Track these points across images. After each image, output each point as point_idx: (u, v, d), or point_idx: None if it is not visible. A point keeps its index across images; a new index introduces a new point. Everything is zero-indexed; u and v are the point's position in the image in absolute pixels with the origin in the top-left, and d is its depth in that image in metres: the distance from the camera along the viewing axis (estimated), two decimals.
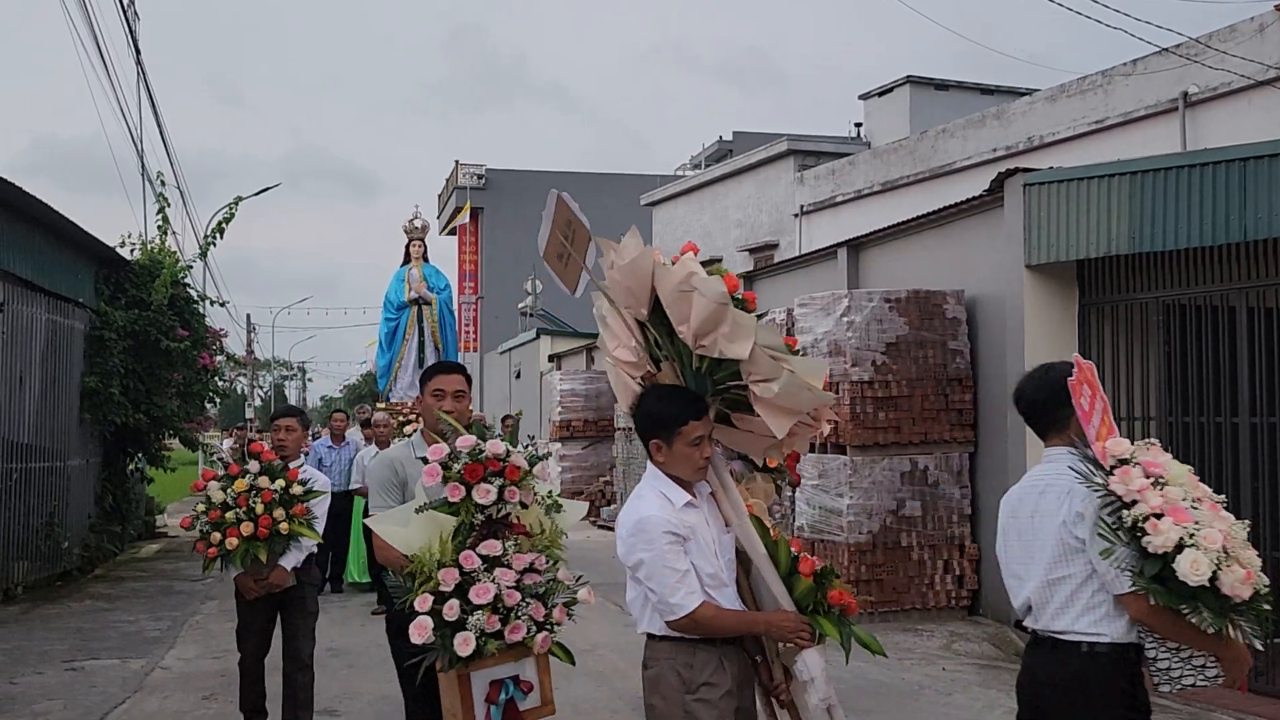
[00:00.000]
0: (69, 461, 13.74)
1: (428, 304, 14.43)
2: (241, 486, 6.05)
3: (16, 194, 11.60)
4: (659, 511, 3.64)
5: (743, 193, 26.29)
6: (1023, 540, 3.69)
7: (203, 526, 6.11)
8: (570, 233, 4.11)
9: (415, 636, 3.95)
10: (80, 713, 7.52)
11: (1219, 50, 14.57)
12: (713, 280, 3.68)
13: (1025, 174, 9.78)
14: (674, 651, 3.68)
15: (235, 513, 6.01)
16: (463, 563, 4.01)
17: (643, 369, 3.96)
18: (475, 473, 4.07)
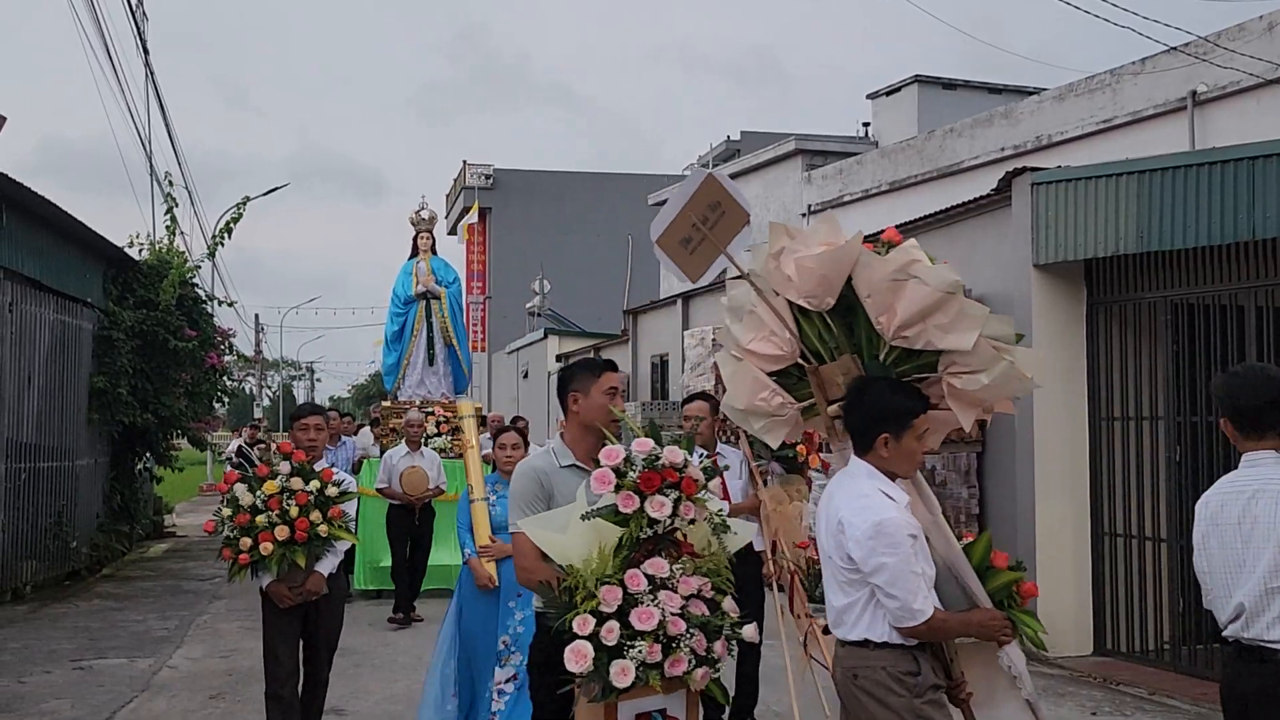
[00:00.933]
0: (77, 461, 13.77)
1: (436, 298, 13.70)
2: (272, 488, 5.72)
3: (25, 194, 11.63)
4: (896, 513, 3.52)
5: (750, 192, 26.22)
6: (1228, 548, 3.53)
7: (229, 531, 5.74)
8: (714, 216, 3.92)
9: (573, 664, 3.49)
10: (88, 711, 7.53)
11: (1228, 49, 14.51)
12: (941, 269, 3.57)
13: (1033, 173, 9.75)
14: (894, 659, 3.55)
15: (267, 516, 5.67)
16: (628, 582, 3.58)
17: (786, 362, 3.82)
18: (652, 482, 3.65)
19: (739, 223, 3.91)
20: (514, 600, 6.14)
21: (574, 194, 47.57)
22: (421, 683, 8.37)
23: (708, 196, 3.92)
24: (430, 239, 13.96)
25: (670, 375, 19.80)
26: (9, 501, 11.70)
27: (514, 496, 4.14)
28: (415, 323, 13.57)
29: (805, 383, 3.89)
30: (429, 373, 13.64)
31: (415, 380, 13.62)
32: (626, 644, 3.49)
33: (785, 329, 3.79)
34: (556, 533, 3.77)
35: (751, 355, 3.86)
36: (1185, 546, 8.43)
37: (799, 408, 3.95)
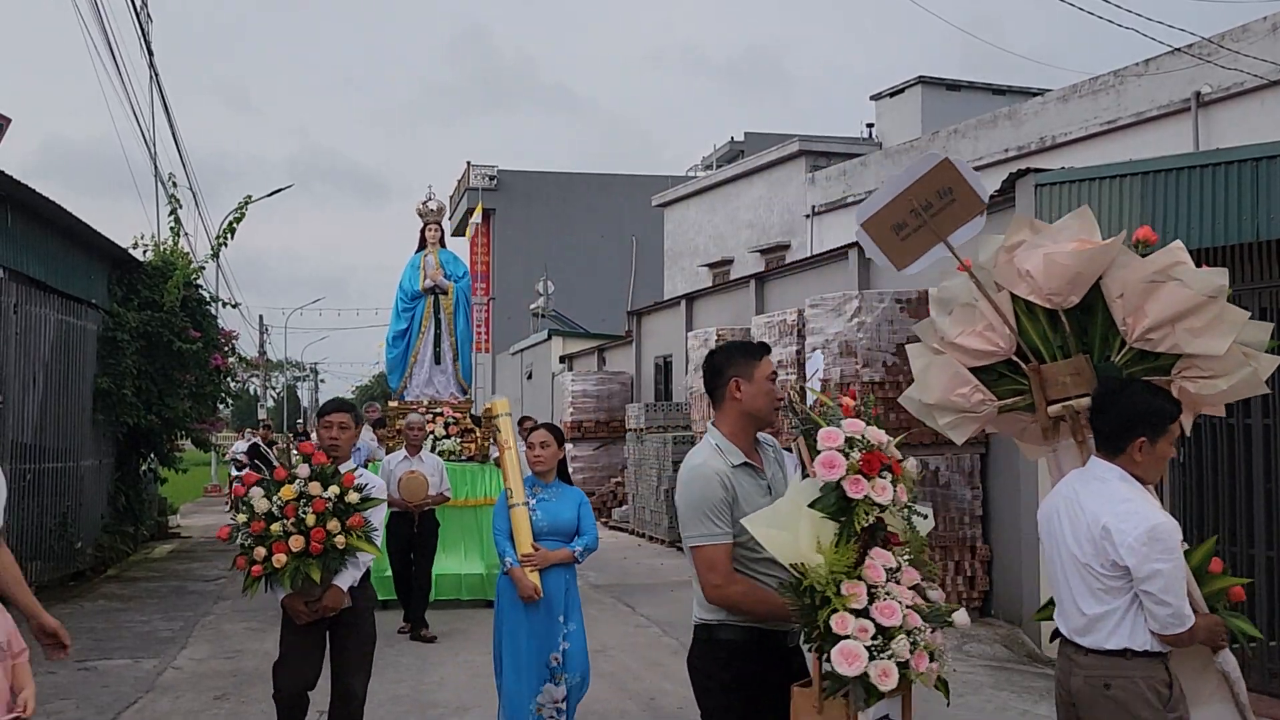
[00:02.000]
0: (82, 462, 13.79)
1: (444, 293, 12.96)
2: (289, 494, 5.27)
3: (29, 195, 11.64)
4: (1165, 518, 3.47)
5: (754, 193, 26.27)
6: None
7: (244, 539, 5.30)
8: (940, 203, 3.76)
9: (845, 666, 3.21)
10: (93, 712, 7.54)
11: (1231, 50, 14.52)
12: (1207, 272, 3.47)
13: (1037, 174, 9.76)
14: (1151, 669, 3.52)
15: (282, 524, 5.23)
16: (868, 576, 3.33)
17: (997, 358, 3.72)
18: (874, 464, 3.37)
19: (969, 212, 3.73)
20: (562, 614, 5.94)
21: (578, 195, 47.59)
22: (426, 684, 8.39)
23: (938, 182, 3.75)
24: (439, 231, 13.26)
25: (674, 376, 19.81)
26: (15, 502, 11.69)
27: (694, 505, 3.65)
28: (422, 319, 12.90)
29: (1006, 380, 3.76)
30: (437, 371, 12.96)
31: (423, 379, 12.95)
32: (878, 643, 3.26)
33: (1005, 324, 3.68)
34: (778, 529, 3.44)
35: (957, 349, 3.74)
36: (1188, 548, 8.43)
37: (997, 405, 3.82)
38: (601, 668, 8.67)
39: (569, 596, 6.08)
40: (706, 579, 3.60)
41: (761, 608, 3.57)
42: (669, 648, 9.62)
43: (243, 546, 5.31)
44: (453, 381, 12.96)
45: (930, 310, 3.85)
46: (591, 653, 9.46)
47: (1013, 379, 3.75)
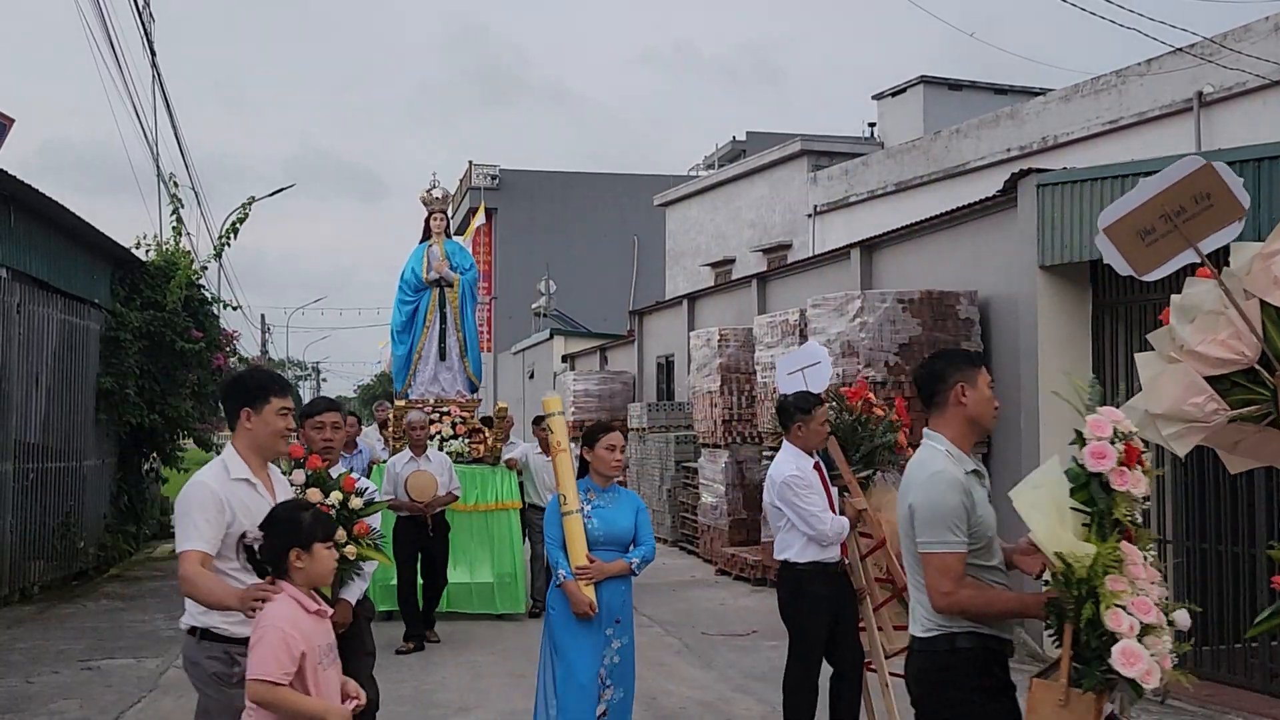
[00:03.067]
0: (84, 461, 13.81)
1: (450, 285, 12.13)
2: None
3: (32, 195, 11.67)
4: None
5: (756, 193, 26.27)
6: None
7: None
8: (1195, 209, 3.69)
9: (1126, 666, 3.17)
10: (96, 711, 7.56)
11: (1234, 50, 14.51)
12: None
13: (1039, 174, 9.77)
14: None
15: None
16: (1131, 571, 3.28)
17: (1237, 367, 3.63)
18: (1132, 456, 3.35)
19: (1227, 218, 3.65)
20: (611, 628, 5.62)
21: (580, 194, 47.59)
22: (428, 684, 8.40)
23: (1195, 187, 3.66)
24: (444, 220, 12.42)
25: (676, 375, 19.81)
26: (17, 502, 11.74)
27: (938, 511, 3.69)
28: (427, 313, 12.10)
29: (1239, 389, 3.70)
30: (442, 368, 12.16)
31: (428, 377, 12.16)
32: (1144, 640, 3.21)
33: (1252, 332, 3.61)
34: (1043, 515, 3.44)
35: (1197, 358, 3.67)
36: (1191, 548, 8.44)
37: (1229, 415, 3.74)
38: None
39: (624, 611, 5.72)
40: (937, 585, 3.64)
41: (992, 609, 3.66)
42: (671, 648, 9.64)
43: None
44: (460, 379, 12.24)
45: (1170, 318, 3.77)
46: None
47: (1248, 388, 3.74)
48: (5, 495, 11.45)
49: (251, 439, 4.15)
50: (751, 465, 14.00)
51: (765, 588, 12.73)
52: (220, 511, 3.95)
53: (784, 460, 6.20)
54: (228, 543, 3.95)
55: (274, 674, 3.50)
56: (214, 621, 3.98)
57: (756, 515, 13.44)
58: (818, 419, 6.19)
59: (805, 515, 6.03)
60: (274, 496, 4.14)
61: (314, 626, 3.68)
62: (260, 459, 4.18)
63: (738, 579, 13.38)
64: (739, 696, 7.99)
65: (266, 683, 3.50)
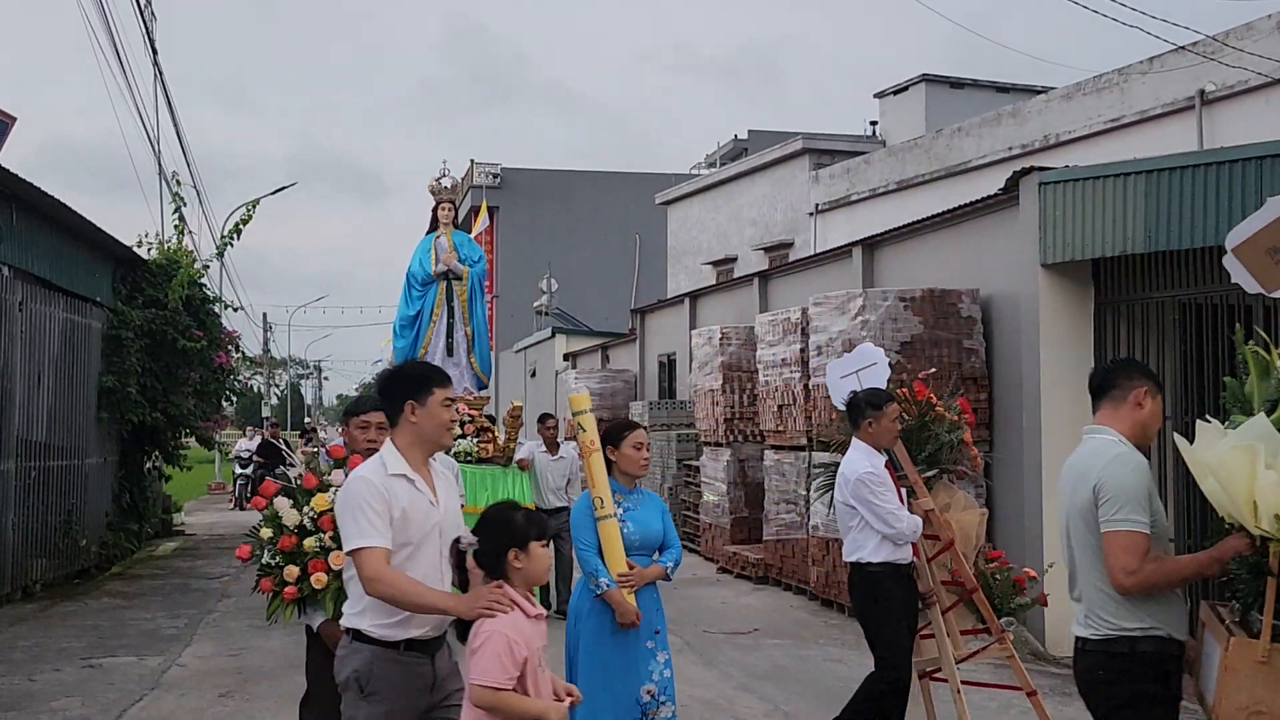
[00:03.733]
0: (86, 460, 13.82)
1: (458, 278, 11.63)
2: (323, 504, 4.64)
3: (35, 193, 11.68)
4: None
5: (757, 191, 26.26)
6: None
7: (271, 558, 4.68)
8: None
9: None
10: (98, 709, 7.57)
11: (1236, 48, 14.50)
12: None
13: (1041, 172, 9.76)
14: None
15: (318, 539, 4.62)
16: None
17: None
18: None
19: None
20: (652, 639, 5.21)
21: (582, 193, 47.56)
22: None
23: None
24: (452, 210, 11.94)
25: (678, 374, 19.82)
26: (20, 500, 11.75)
27: (1133, 492, 3.76)
28: (434, 306, 11.63)
29: None
30: (449, 364, 11.49)
31: None
32: None
33: None
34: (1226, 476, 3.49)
35: None
36: (1194, 546, 8.43)
37: None
38: None
39: (661, 620, 5.37)
40: (1123, 564, 3.69)
41: (1175, 578, 3.75)
42: (673, 646, 9.61)
43: (268, 566, 4.69)
44: (467, 375, 11.75)
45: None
46: None
47: None
48: (7, 493, 11.46)
49: (416, 433, 3.96)
50: (753, 464, 14.00)
51: (767, 586, 12.73)
52: (386, 506, 3.80)
53: (856, 458, 6.06)
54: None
55: (499, 680, 3.52)
56: (366, 624, 3.82)
57: (758, 514, 13.44)
58: (889, 415, 6.10)
59: (882, 513, 5.86)
60: (434, 493, 3.99)
61: (533, 630, 3.67)
62: (421, 454, 4.01)
63: (739, 577, 13.38)
64: (741, 695, 8.00)
65: (490, 688, 3.52)
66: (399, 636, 3.79)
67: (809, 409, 11.67)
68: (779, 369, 12.47)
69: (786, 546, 12.30)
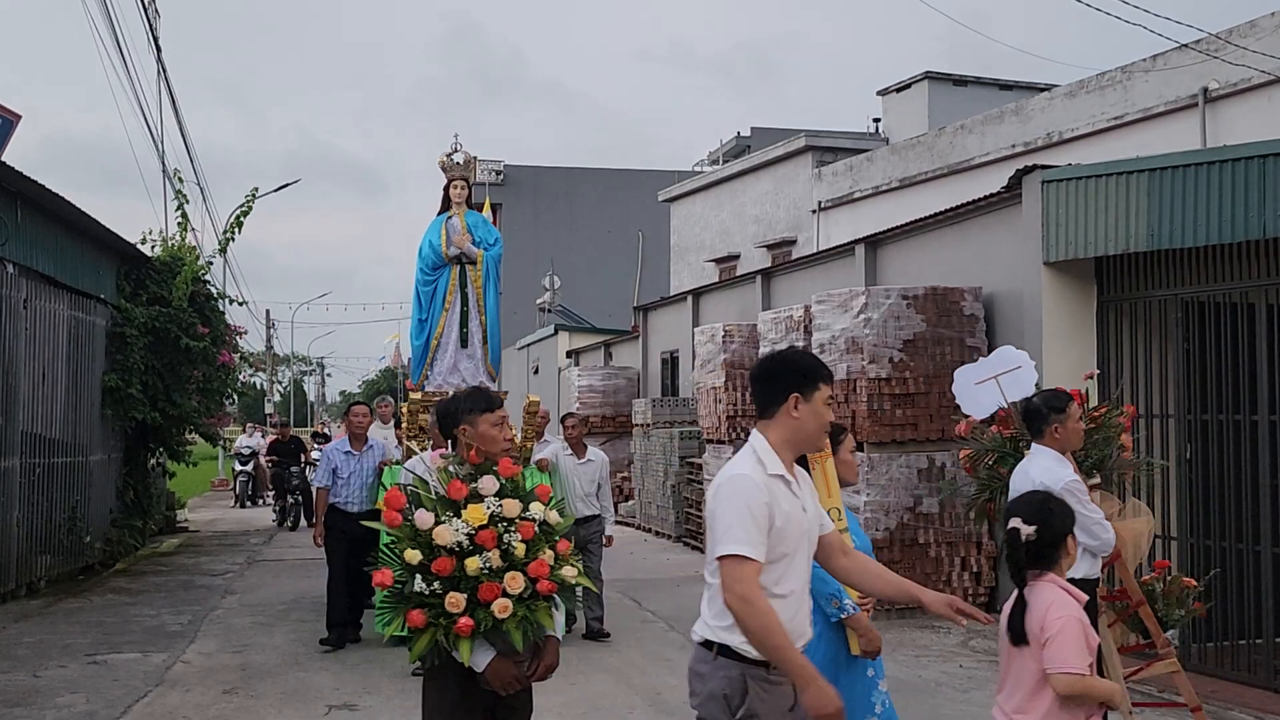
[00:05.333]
0: (91, 456, 13.84)
1: (472, 262, 10.73)
2: (479, 516, 3.92)
3: (39, 191, 11.69)
4: None
5: (760, 188, 26.26)
6: None
7: (424, 585, 3.84)
8: None
9: None
10: (103, 705, 7.58)
11: (1239, 46, 14.49)
12: None
13: (1044, 170, 9.76)
14: None
15: (483, 559, 3.87)
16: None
17: None
18: None
19: None
20: (873, 667, 4.72)
21: (584, 190, 47.60)
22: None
23: None
24: (465, 189, 10.98)
25: (680, 371, 19.83)
26: (24, 496, 11.78)
27: None
28: (447, 293, 10.73)
29: None
30: (463, 356, 10.76)
31: (447, 365, 10.74)
32: None
33: None
34: None
35: None
36: (1196, 544, 8.45)
37: None
38: (607, 662, 8.70)
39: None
40: None
41: None
42: (675, 643, 9.64)
43: (420, 596, 3.86)
44: (481, 368, 10.85)
45: None
46: (598, 647, 9.51)
47: None
48: (12, 490, 11.48)
49: (795, 430, 3.59)
50: None
51: None
52: (768, 513, 3.46)
53: (1050, 465, 5.61)
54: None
55: (1082, 666, 3.54)
56: (738, 640, 3.49)
57: None
58: (1073, 416, 5.77)
59: (1089, 524, 5.50)
60: (801, 497, 3.61)
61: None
62: (791, 454, 3.63)
63: None
64: None
65: (1077, 675, 3.53)
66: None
67: None
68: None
69: None
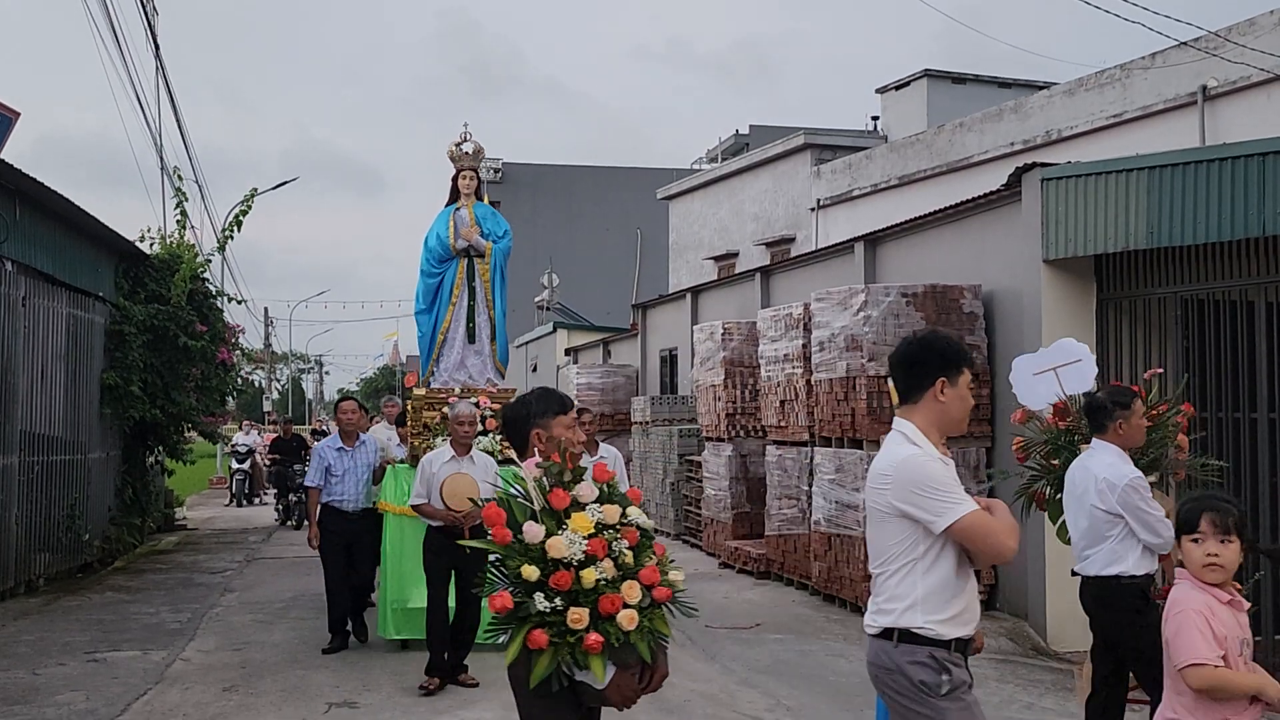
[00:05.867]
0: (90, 454, 13.84)
1: (481, 255, 10.34)
2: (586, 525, 3.59)
3: (38, 188, 11.68)
4: None
5: (759, 186, 26.26)
6: None
7: (547, 603, 3.48)
8: None
9: None
10: (102, 703, 7.58)
11: (1238, 44, 14.50)
12: None
13: (1043, 168, 9.77)
14: None
15: (598, 570, 3.54)
16: None
17: None
18: None
19: None
20: None
21: (583, 188, 47.59)
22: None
23: None
24: (475, 180, 10.60)
25: (679, 369, 19.83)
26: (23, 494, 11.77)
27: None
28: (454, 287, 10.34)
29: None
30: (470, 352, 10.37)
31: (454, 361, 10.35)
32: None
33: None
34: None
35: None
36: None
37: None
38: None
39: None
40: None
41: None
42: (675, 640, 9.62)
43: (542, 615, 3.49)
44: (489, 364, 10.46)
45: None
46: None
47: None
48: (11, 488, 11.48)
49: (941, 414, 3.68)
50: (755, 459, 14.01)
51: (769, 581, 12.74)
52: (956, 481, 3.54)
53: (1113, 462, 5.61)
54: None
55: (1209, 656, 3.42)
56: (919, 620, 3.52)
57: (760, 509, 13.45)
58: (1137, 413, 5.73)
59: (1152, 521, 5.46)
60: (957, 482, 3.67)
61: (1229, 616, 3.56)
62: (939, 437, 3.69)
63: (741, 572, 13.39)
64: (743, 690, 8.01)
65: (1203, 666, 3.42)
66: (950, 635, 3.52)
67: (811, 404, 11.68)
68: (781, 364, 12.48)
69: (788, 541, 12.32)
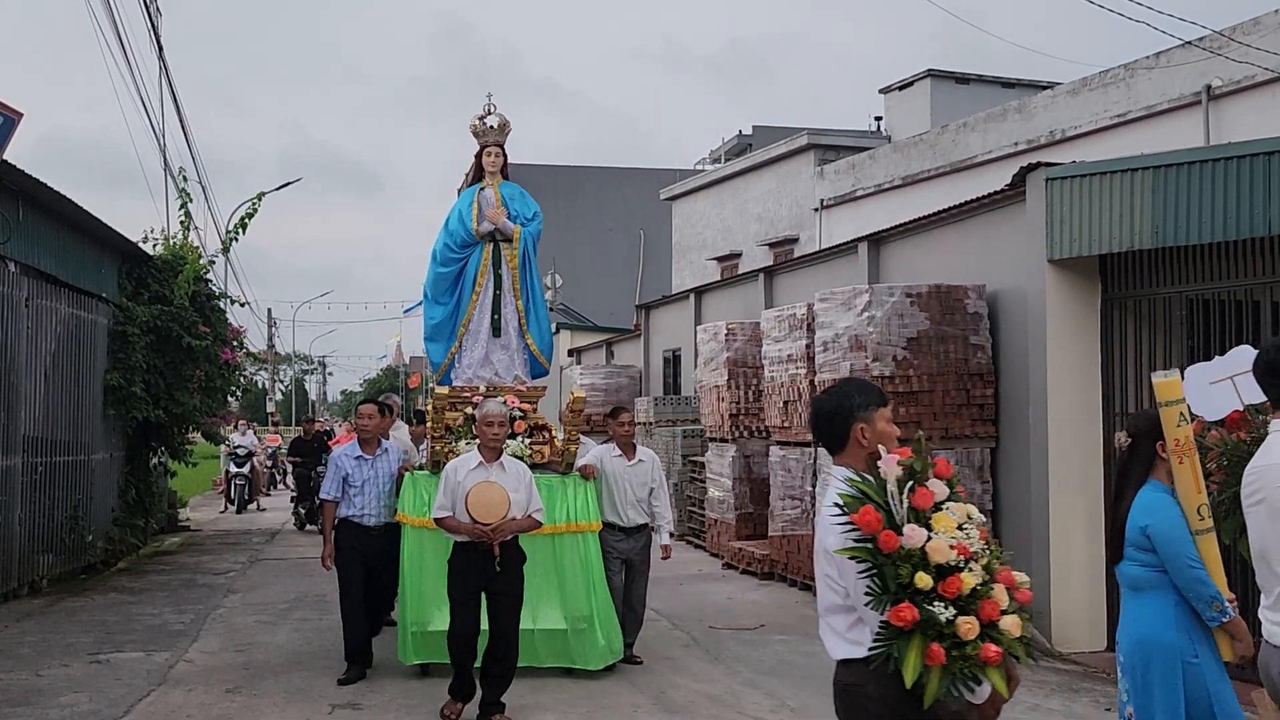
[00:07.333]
0: (93, 455, 13.84)
1: (507, 240, 9.34)
2: (949, 524, 3.32)
3: (41, 189, 11.68)
4: None
5: (763, 187, 26.25)
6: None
7: (946, 612, 3.20)
8: None
9: None
10: (105, 704, 7.57)
11: (1242, 43, 14.47)
12: None
13: (1047, 168, 9.74)
14: None
15: (971, 572, 3.30)
16: None
17: None
18: None
19: None
20: None
21: (586, 188, 47.56)
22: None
23: None
24: (501, 157, 9.57)
25: (683, 369, 19.82)
26: (26, 495, 11.76)
27: None
28: (478, 274, 9.32)
29: None
30: (496, 346, 9.39)
31: (477, 357, 9.37)
32: None
33: None
34: None
35: None
36: None
37: None
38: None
39: None
40: None
41: None
42: (679, 641, 9.64)
43: (940, 626, 3.19)
44: (518, 360, 9.46)
45: None
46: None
47: None
48: (14, 489, 11.48)
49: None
50: (758, 459, 14.00)
51: (772, 581, 12.72)
52: None
53: None
54: None
55: None
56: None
57: (763, 509, 13.44)
58: None
59: None
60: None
61: None
62: None
63: (745, 573, 13.37)
64: (747, 691, 7.99)
65: None
66: None
67: None
68: (785, 365, 12.47)
69: (792, 542, 12.30)
